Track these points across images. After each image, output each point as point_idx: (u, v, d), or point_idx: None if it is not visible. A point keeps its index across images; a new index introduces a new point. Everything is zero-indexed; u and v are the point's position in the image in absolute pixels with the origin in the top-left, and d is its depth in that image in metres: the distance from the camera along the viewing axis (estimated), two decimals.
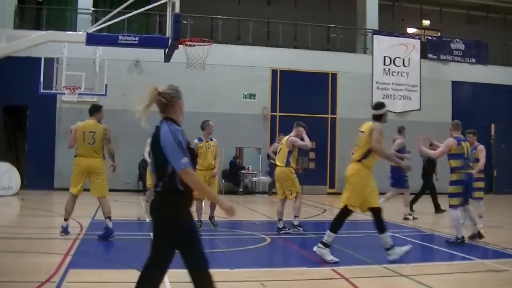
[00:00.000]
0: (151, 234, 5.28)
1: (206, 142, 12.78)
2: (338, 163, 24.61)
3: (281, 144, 12.41)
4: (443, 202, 13.58)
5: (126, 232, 11.70)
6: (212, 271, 7.95)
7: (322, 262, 8.47)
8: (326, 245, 8.61)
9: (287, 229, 11.87)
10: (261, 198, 22.57)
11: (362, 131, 9.28)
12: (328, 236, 8.65)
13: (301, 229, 12.01)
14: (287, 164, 11.99)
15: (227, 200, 5.08)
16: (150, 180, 14.48)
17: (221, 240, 10.93)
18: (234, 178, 23.52)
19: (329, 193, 24.43)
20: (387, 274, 8.06)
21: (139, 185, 21.99)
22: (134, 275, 7.53)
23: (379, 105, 10.16)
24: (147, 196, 14.88)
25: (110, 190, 11.61)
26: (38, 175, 22.09)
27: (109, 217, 10.73)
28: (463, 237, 10.46)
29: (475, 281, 7.86)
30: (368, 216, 8.75)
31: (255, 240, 10.91)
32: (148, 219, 14.00)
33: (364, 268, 8.45)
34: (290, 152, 12.02)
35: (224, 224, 14.24)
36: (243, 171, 23.88)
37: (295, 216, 12.07)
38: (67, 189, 11.13)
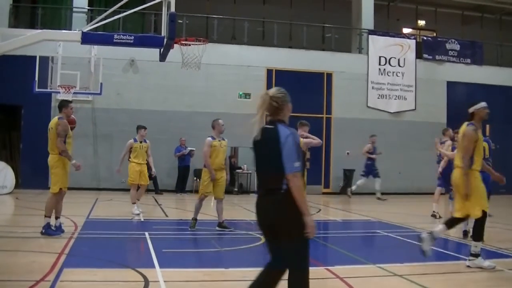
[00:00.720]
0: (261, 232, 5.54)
1: (219, 141, 12.95)
2: (333, 163, 24.65)
3: None
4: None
5: (120, 231, 11.69)
6: (207, 270, 7.97)
7: (317, 262, 8.47)
8: (476, 255, 8.46)
9: None
10: (255, 197, 22.56)
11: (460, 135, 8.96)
12: (475, 246, 8.44)
13: None
14: None
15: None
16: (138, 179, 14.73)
17: (216, 240, 10.92)
18: (229, 178, 23.51)
19: (324, 193, 24.44)
20: (382, 274, 8.07)
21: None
22: (128, 274, 7.56)
23: (474, 102, 9.72)
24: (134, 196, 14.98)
25: (105, 189, 11.60)
26: (33, 174, 22.02)
27: (46, 216, 10.69)
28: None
29: (470, 281, 7.88)
30: (362, 217, 8.77)
31: (250, 239, 10.91)
32: (143, 219, 13.99)
33: (358, 268, 8.46)
34: (304, 154, 12.07)
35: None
36: (238, 171, 23.86)
37: None
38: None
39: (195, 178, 23.10)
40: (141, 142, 14.92)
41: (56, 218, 10.89)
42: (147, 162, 15.21)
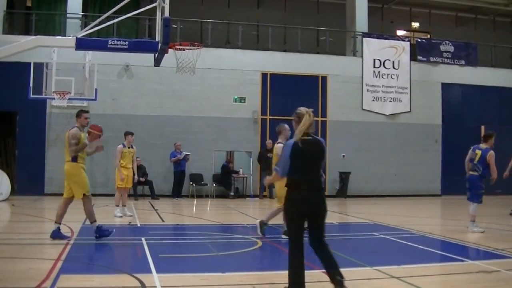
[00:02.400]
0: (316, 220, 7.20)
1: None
2: (329, 166, 24.63)
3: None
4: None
5: (117, 237, 11.67)
6: (204, 275, 7.96)
7: (313, 265, 8.47)
8: None
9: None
10: (252, 201, 22.57)
11: None
12: None
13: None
14: None
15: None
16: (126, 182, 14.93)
17: (213, 244, 10.90)
18: (225, 182, 23.50)
19: None
20: (378, 276, 8.07)
21: (129, 190, 21.89)
22: (125, 279, 7.55)
23: None
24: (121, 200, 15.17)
25: (101, 195, 11.61)
26: (28, 181, 22.01)
27: (92, 221, 11.10)
28: None
29: (466, 282, 7.88)
30: (359, 219, 8.80)
31: (246, 243, 10.90)
32: (139, 224, 13.97)
33: (355, 270, 8.44)
34: None
35: (216, 228, 14.25)
36: (234, 175, 23.86)
37: None
38: (57, 195, 11.10)
39: (191, 183, 23.10)
40: (129, 147, 15.49)
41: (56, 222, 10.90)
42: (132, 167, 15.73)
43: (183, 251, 10.35)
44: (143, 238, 11.08)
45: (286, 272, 8.32)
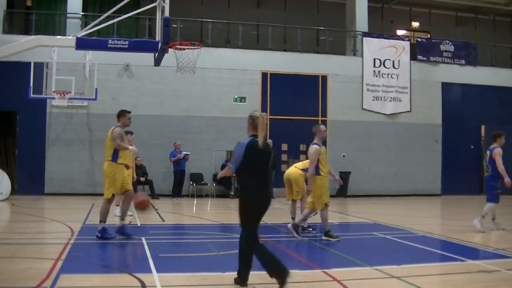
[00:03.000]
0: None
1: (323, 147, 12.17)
2: (329, 165, 24.59)
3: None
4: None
5: (117, 237, 11.66)
6: (204, 274, 7.96)
7: (314, 265, 8.48)
8: None
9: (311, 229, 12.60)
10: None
11: None
12: None
13: (311, 229, 12.64)
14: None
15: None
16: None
17: (213, 244, 10.90)
18: (225, 182, 23.49)
19: None
20: (379, 276, 8.07)
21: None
22: (125, 279, 7.55)
23: None
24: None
25: (101, 195, 11.58)
26: (28, 180, 22.00)
27: (101, 221, 11.10)
28: None
29: (466, 282, 7.88)
30: (359, 219, 8.81)
31: None
32: (139, 223, 13.98)
33: (355, 270, 8.46)
34: None
35: (216, 227, 14.26)
36: (234, 175, 23.82)
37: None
38: (57, 194, 11.11)
39: (191, 183, 23.10)
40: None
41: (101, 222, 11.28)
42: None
43: (183, 250, 10.35)
44: (143, 238, 11.08)
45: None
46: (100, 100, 21.52)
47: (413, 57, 26.82)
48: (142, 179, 21.55)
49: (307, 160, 12.80)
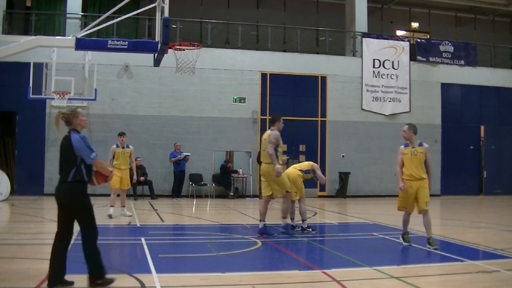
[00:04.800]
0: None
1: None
2: (329, 166, 24.63)
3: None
4: None
5: (116, 237, 11.68)
6: (203, 275, 7.96)
7: (313, 265, 8.48)
8: None
9: (310, 229, 12.62)
10: (251, 201, 22.55)
11: None
12: None
13: (310, 229, 12.63)
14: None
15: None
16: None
17: (212, 244, 10.90)
18: (225, 182, 23.50)
19: (319, 196, 24.43)
20: (378, 276, 8.07)
21: (129, 190, 21.89)
22: (125, 279, 7.55)
23: None
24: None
25: (100, 195, 11.60)
26: (28, 181, 21.99)
27: (284, 217, 12.28)
28: None
29: (466, 282, 7.88)
30: (359, 219, 8.84)
31: (246, 243, 10.90)
32: (138, 224, 13.99)
33: (355, 271, 8.46)
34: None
35: (215, 228, 14.25)
36: (233, 175, 23.85)
37: (304, 219, 12.71)
38: None
39: (190, 183, 23.10)
40: (123, 147, 15.34)
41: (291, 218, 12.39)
42: (131, 167, 15.73)
43: (183, 251, 10.35)
44: (142, 238, 11.08)
45: (286, 272, 8.36)
46: (100, 101, 21.54)
47: (412, 57, 26.83)
48: (142, 178, 21.57)
49: (308, 162, 12.96)
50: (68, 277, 7.09)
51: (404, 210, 10.77)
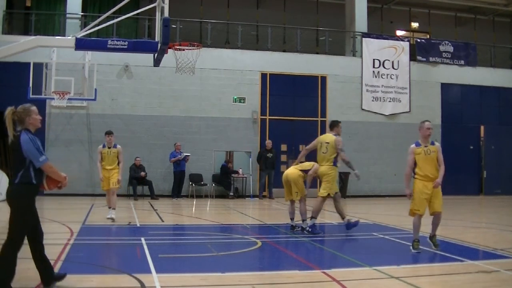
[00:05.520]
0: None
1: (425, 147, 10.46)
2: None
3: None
4: None
5: (116, 237, 11.67)
6: (203, 275, 7.95)
7: (313, 265, 8.48)
8: None
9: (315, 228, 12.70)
10: (251, 201, 22.55)
11: None
12: None
13: (310, 230, 12.64)
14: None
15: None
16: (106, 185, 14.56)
17: (212, 244, 10.90)
18: (225, 182, 23.49)
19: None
20: (379, 276, 8.07)
21: (129, 190, 21.92)
22: (125, 279, 7.55)
23: None
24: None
25: (100, 195, 11.59)
26: None
27: (311, 217, 12.51)
28: None
29: (466, 282, 7.88)
30: (358, 219, 8.84)
31: (246, 243, 10.90)
32: (138, 224, 13.98)
33: (355, 271, 8.45)
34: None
35: (215, 228, 14.25)
36: (233, 175, 23.84)
37: (304, 220, 12.74)
38: (57, 195, 11.08)
39: (190, 183, 23.09)
40: (109, 147, 14.58)
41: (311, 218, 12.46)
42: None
43: (183, 251, 10.35)
44: (142, 238, 11.07)
45: (286, 272, 8.36)
46: (100, 101, 21.55)
47: (412, 57, 26.83)
48: (143, 173, 21.66)
49: (309, 162, 12.95)
50: (68, 277, 7.09)
51: (418, 213, 10.31)
